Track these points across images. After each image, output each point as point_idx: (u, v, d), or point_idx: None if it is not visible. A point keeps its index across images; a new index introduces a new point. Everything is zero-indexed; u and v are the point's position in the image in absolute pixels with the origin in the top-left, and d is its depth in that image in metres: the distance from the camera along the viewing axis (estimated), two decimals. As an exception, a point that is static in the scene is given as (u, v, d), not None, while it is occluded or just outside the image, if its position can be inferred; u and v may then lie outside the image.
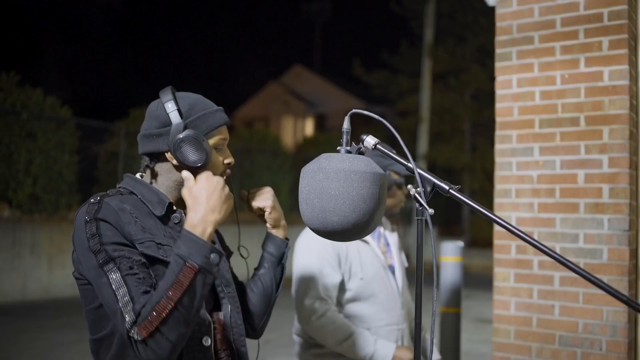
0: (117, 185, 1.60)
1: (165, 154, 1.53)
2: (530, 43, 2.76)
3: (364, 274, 2.25)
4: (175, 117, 1.50)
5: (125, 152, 10.79)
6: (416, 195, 1.22)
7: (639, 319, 2.56)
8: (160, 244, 1.45)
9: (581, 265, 2.56)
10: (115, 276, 1.36)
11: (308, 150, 16.27)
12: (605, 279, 2.49)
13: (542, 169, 2.70)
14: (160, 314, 1.32)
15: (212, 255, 1.38)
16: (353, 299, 2.26)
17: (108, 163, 11.02)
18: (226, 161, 1.57)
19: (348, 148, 1.29)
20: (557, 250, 2.64)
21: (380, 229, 2.46)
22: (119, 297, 1.35)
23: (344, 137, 1.29)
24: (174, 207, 1.55)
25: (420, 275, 1.23)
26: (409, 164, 1.26)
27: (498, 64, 2.85)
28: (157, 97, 1.60)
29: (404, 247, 2.52)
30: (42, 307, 7.91)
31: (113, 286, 1.36)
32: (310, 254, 2.25)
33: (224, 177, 1.54)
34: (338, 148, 1.29)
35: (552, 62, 2.70)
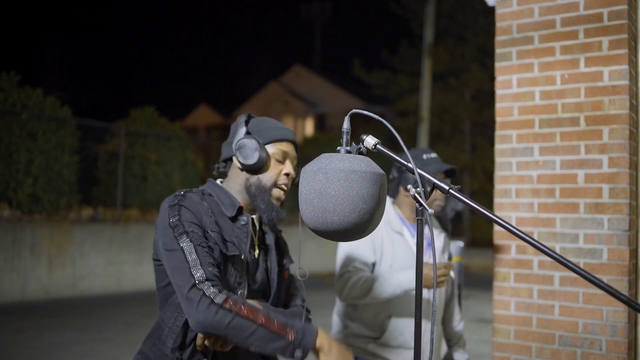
0: (200, 187, 1.82)
1: (233, 157, 1.79)
2: (530, 43, 2.76)
3: (393, 262, 2.35)
4: (240, 129, 1.78)
5: (125, 152, 10.79)
6: (416, 195, 1.22)
7: (639, 319, 2.56)
8: (225, 239, 1.66)
9: (581, 265, 2.56)
10: (187, 245, 1.56)
11: (308, 150, 16.27)
12: (605, 279, 2.49)
13: (542, 169, 2.70)
14: (246, 314, 1.50)
15: (298, 353, 1.54)
16: None
17: (108, 163, 11.02)
18: (284, 171, 1.78)
19: (348, 148, 1.29)
20: (557, 250, 2.64)
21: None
22: (189, 259, 1.54)
23: (344, 137, 1.29)
24: (244, 211, 1.77)
25: (420, 275, 1.23)
26: (409, 164, 1.26)
27: (498, 64, 2.85)
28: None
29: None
30: (42, 307, 7.91)
31: (185, 251, 1.54)
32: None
33: (281, 188, 1.77)
34: (338, 148, 1.29)
35: (552, 62, 2.71)
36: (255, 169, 1.73)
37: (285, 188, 1.79)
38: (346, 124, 1.30)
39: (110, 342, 6.00)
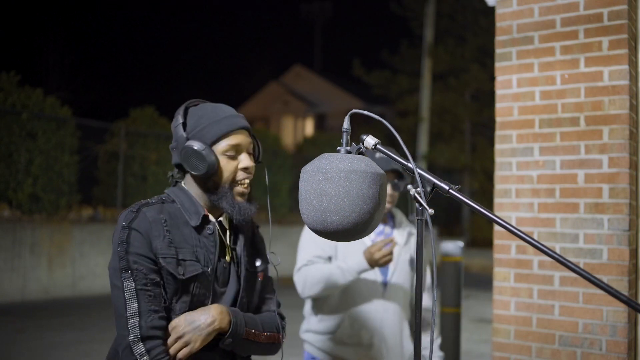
0: (165, 191, 1.70)
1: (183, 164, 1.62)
2: (530, 43, 2.76)
3: (346, 257, 2.40)
4: (179, 132, 1.60)
5: (125, 152, 10.79)
6: (416, 195, 1.22)
7: (639, 319, 2.55)
8: (182, 259, 1.55)
9: (581, 265, 2.56)
10: (129, 286, 1.49)
11: (308, 150, 16.27)
12: (605, 279, 2.49)
13: (542, 169, 2.70)
14: None
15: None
16: None
17: (108, 163, 11.02)
18: (241, 166, 1.63)
19: (348, 148, 1.29)
20: (557, 250, 2.64)
21: (381, 226, 2.53)
22: (128, 309, 1.47)
23: (344, 137, 1.29)
24: (209, 218, 1.65)
25: (420, 275, 1.23)
26: (409, 164, 1.26)
27: (498, 64, 2.85)
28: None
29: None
30: (42, 307, 7.91)
31: (126, 295, 1.48)
32: (305, 237, 2.49)
33: (242, 185, 1.63)
34: (338, 148, 1.29)
35: (552, 62, 2.70)
36: (209, 175, 1.59)
37: (246, 182, 1.65)
38: (346, 124, 1.30)
39: (110, 342, 5.99)
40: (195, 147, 1.56)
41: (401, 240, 2.53)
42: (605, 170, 2.55)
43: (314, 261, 2.39)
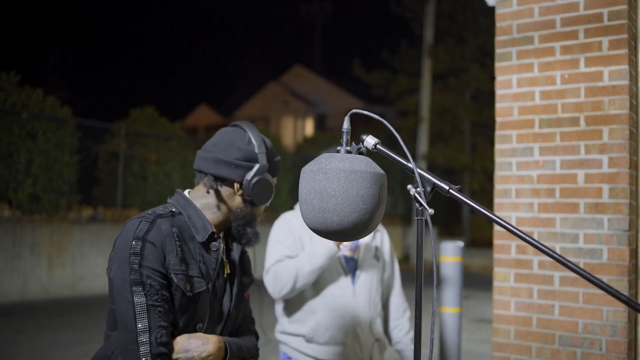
0: (168, 200, 1.69)
1: (235, 183, 1.66)
2: (530, 43, 2.76)
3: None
4: (263, 159, 1.65)
5: (125, 152, 10.79)
6: (416, 195, 1.22)
7: (639, 319, 2.55)
8: (191, 276, 1.56)
9: (581, 265, 2.56)
10: (139, 301, 1.48)
11: (308, 150, 16.26)
12: (605, 279, 2.49)
13: (542, 169, 2.70)
14: None
15: None
16: None
17: (108, 163, 11.02)
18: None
19: (348, 148, 1.29)
20: (557, 250, 2.64)
21: None
22: (138, 325, 1.46)
23: (344, 137, 1.29)
24: (216, 235, 1.66)
25: (420, 275, 1.23)
26: (409, 164, 1.26)
27: (498, 64, 2.85)
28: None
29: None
30: (42, 307, 7.90)
31: (136, 310, 1.48)
32: (271, 239, 2.50)
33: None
34: (338, 148, 1.29)
35: (552, 62, 2.70)
36: (262, 206, 1.67)
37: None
38: (346, 124, 1.30)
39: (110, 342, 5.98)
40: (270, 180, 1.65)
41: (367, 239, 2.54)
42: (605, 170, 2.55)
43: (282, 260, 2.41)
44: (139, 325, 1.47)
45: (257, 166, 1.64)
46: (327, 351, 2.40)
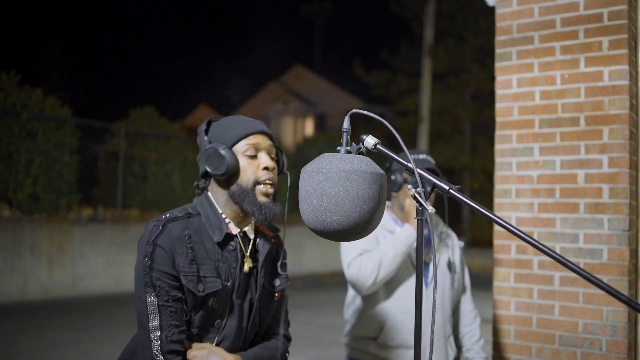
0: (194, 200, 1.75)
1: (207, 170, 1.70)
2: (530, 43, 2.76)
3: None
4: (202, 139, 1.71)
5: (125, 152, 10.79)
6: (416, 195, 1.22)
7: (639, 319, 2.55)
8: (203, 276, 1.60)
9: (581, 265, 2.56)
10: (152, 301, 1.55)
11: (308, 150, 16.27)
12: (605, 279, 2.49)
13: (542, 169, 2.70)
14: None
15: None
16: None
17: (108, 163, 11.02)
18: (262, 166, 1.68)
19: (348, 148, 1.29)
20: (557, 250, 2.64)
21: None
22: (150, 324, 1.54)
23: (344, 137, 1.29)
24: (231, 235, 1.69)
25: (420, 275, 1.23)
26: (409, 164, 1.26)
27: (498, 64, 2.85)
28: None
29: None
30: (42, 307, 7.91)
31: (149, 310, 1.54)
32: None
33: (265, 184, 1.67)
34: (338, 148, 1.29)
35: (552, 62, 2.70)
36: (230, 175, 1.64)
37: (270, 182, 1.68)
38: (346, 124, 1.30)
39: (110, 342, 5.99)
40: (216, 149, 1.63)
41: (436, 241, 2.51)
42: (605, 170, 2.55)
43: (362, 253, 2.36)
44: (151, 325, 1.54)
45: (201, 148, 1.71)
46: (397, 353, 2.35)
